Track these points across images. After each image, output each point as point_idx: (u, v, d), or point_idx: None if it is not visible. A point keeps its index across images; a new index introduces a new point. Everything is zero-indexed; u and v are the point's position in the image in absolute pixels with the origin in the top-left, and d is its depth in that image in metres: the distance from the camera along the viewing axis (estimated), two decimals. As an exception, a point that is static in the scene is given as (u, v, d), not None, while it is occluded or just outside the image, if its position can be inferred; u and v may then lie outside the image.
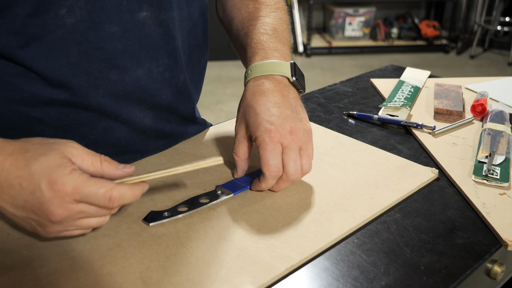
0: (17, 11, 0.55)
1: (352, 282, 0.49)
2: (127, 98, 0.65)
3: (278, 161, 0.58)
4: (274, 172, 0.58)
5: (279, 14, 0.72)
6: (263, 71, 0.63)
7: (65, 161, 0.46)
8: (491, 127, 0.77)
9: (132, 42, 0.62)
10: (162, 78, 0.67)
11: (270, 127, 0.58)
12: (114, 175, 0.50)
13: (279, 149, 0.58)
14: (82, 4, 0.58)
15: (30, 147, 0.47)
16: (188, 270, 0.49)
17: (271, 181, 0.59)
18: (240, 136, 0.62)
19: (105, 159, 0.49)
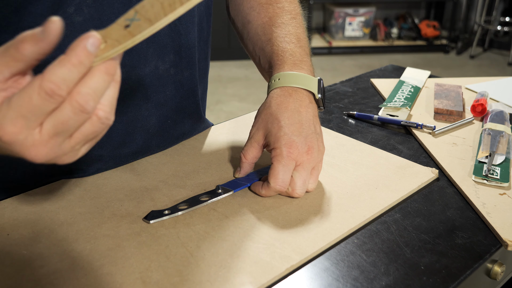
0: (31, 9, 0.55)
1: (352, 282, 0.49)
2: (133, 96, 0.65)
3: (288, 178, 0.59)
4: (280, 187, 0.58)
5: (299, 21, 0.72)
6: (292, 82, 0.63)
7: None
8: (491, 127, 0.77)
9: None
10: (167, 75, 0.67)
11: (291, 143, 0.58)
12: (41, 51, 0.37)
13: (292, 166, 0.59)
14: (90, 2, 0.58)
15: None
16: (188, 270, 0.49)
17: (273, 193, 0.60)
18: (255, 141, 0.62)
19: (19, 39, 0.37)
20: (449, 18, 4.17)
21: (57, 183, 0.64)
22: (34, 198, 0.61)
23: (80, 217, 0.57)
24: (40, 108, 0.36)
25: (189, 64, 0.70)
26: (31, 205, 0.59)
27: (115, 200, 0.60)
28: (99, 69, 0.37)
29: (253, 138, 0.63)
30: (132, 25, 0.39)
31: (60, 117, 0.37)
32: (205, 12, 0.73)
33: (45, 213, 0.58)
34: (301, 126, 0.60)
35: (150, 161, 0.70)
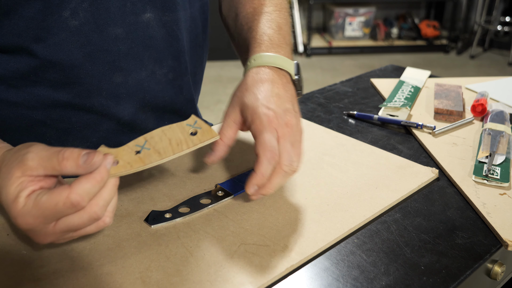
0: (22, 13, 0.55)
1: (352, 282, 0.49)
2: (130, 100, 0.65)
3: (276, 145, 0.54)
4: (270, 152, 0.53)
5: (283, 14, 0.71)
6: (268, 62, 0.60)
7: (18, 190, 0.43)
8: (491, 127, 0.77)
9: (136, 44, 0.62)
10: (165, 80, 0.67)
11: (269, 112, 0.55)
12: (77, 172, 0.43)
13: (275, 135, 0.54)
14: (86, 6, 0.57)
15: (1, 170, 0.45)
16: (188, 270, 0.49)
17: (266, 166, 0.53)
18: (231, 120, 0.58)
19: (64, 157, 0.43)
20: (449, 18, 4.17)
21: (57, 183, 0.64)
22: (34, 198, 0.61)
23: (80, 217, 0.57)
24: (62, 213, 0.43)
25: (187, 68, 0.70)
26: (31, 205, 0.59)
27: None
28: (112, 183, 0.45)
29: (229, 117, 0.58)
30: (142, 153, 0.47)
31: (76, 221, 0.44)
32: (200, 17, 0.72)
33: (45, 213, 0.58)
34: (279, 99, 0.57)
35: (150, 161, 0.70)
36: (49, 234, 0.44)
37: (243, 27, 0.70)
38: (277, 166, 0.54)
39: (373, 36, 4.11)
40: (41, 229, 0.44)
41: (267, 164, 0.53)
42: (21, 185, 0.43)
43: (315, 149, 0.73)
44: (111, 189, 0.45)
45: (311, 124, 0.82)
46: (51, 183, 0.45)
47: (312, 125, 0.82)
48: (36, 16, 0.55)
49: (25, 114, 0.61)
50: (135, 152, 0.47)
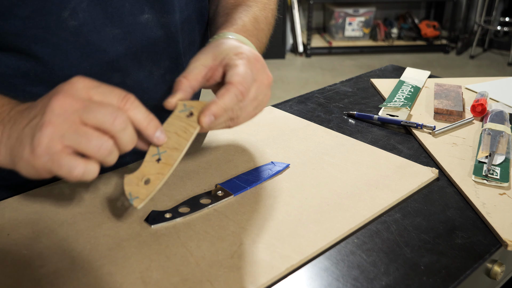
0: (17, 13, 0.55)
1: (352, 282, 0.49)
2: None
3: (250, 80, 0.52)
4: (241, 86, 0.51)
5: (265, 12, 0.70)
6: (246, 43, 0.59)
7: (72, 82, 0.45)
8: (491, 127, 0.77)
9: (134, 45, 0.62)
10: (163, 81, 0.67)
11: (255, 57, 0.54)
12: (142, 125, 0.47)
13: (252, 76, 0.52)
14: (84, 7, 0.57)
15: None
16: (188, 270, 0.49)
17: (231, 97, 0.51)
18: (200, 63, 0.54)
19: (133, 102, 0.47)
20: (449, 18, 4.17)
21: (57, 183, 0.64)
22: (34, 198, 0.61)
23: (80, 217, 0.57)
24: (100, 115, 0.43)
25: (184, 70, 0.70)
26: (31, 205, 0.59)
27: (115, 200, 0.60)
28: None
29: (197, 61, 0.54)
30: (162, 158, 0.49)
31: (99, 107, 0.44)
32: (198, 20, 0.73)
33: (45, 213, 0.58)
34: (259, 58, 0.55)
35: (150, 161, 0.70)
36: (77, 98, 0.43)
37: (219, 14, 0.70)
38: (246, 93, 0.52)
39: (373, 36, 4.11)
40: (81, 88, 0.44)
41: (233, 96, 0.51)
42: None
43: (315, 149, 0.73)
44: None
45: (311, 124, 0.82)
46: None
47: (312, 125, 0.82)
48: (32, 16, 0.55)
49: None
50: (157, 161, 0.50)
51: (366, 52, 4.04)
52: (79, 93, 0.43)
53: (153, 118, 0.47)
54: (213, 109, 0.50)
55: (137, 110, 0.46)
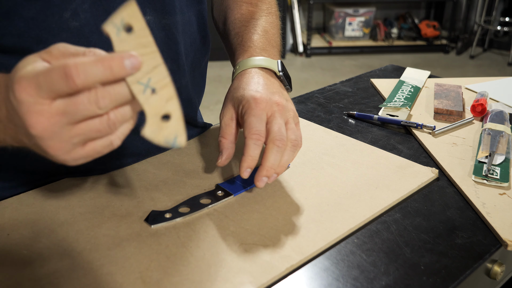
0: (22, 13, 0.55)
1: (352, 282, 0.49)
2: None
3: (262, 126, 0.55)
4: (255, 135, 0.54)
5: (271, 18, 0.73)
6: (251, 65, 0.64)
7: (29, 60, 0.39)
8: (491, 127, 0.77)
9: None
10: None
11: (256, 94, 0.58)
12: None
13: (264, 117, 0.56)
14: (86, 8, 0.57)
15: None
16: (188, 270, 0.49)
17: (253, 147, 0.54)
18: (227, 118, 0.60)
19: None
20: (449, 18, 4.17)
21: (57, 183, 0.64)
22: (34, 198, 0.61)
23: (80, 217, 0.57)
24: (54, 84, 0.36)
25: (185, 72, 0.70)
26: (31, 205, 0.59)
27: (115, 200, 0.60)
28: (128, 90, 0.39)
29: (224, 117, 0.61)
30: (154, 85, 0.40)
31: (74, 100, 0.37)
32: (198, 22, 0.73)
33: (45, 213, 0.58)
34: (266, 86, 0.59)
35: (150, 161, 0.70)
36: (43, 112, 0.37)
37: (230, 32, 0.73)
38: (269, 143, 0.54)
39: (373, 36, 4.11)
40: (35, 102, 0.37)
41: (253, 145, 0.54)
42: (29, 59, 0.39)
43: (315, 149, 0.73)
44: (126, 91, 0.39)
45: (311, 124, 0.82)
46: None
47: (312, 125, 0.82)
48: (36, 16, 0.55)
49: None
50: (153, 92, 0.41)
51: (366, 52, 4.04)
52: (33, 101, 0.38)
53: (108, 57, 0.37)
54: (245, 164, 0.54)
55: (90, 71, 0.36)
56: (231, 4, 0.75)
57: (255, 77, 0.62)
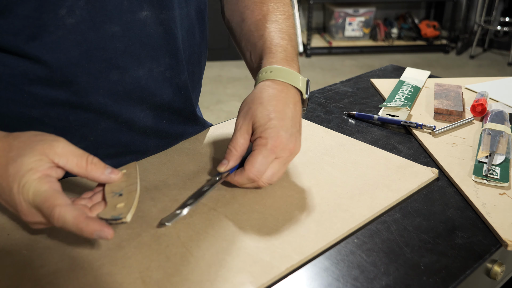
0: (17, 11, 0.55)
1: (352, 282, 0.49)
2: (127, 98, 0.65)
3: (264, 169, 0.58)
4: (253, 175, 0.58)
5: (291, 22, 0.73)
6: (284, 77, 0.63)
7: (39, 164, 0.47)
8: (491, 127, 0.77)
9: (133, 42, 0.62)
10: (163, 78, 0.67)
11: (277, 137, 0.58)
12: (99, 179, 0.51)
13: (271, 160, 0.58)
14: (82, 4, 0.57)
15: (15, 146, 0.48)
16: (188, 270, 0.49)
17: (245, 181, 0.59)
18: (244, 131, 0.60)
19: (92, 161, 0.50)
20: (449, 18, 4.17)
21: (57, 183, 0.64)
22: (34, 198, 0.61)
23: (80, 217, 0.57)
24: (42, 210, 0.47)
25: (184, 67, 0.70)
26: (31, 205, 0.59)
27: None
28: None
29: (242, 129, 0.60)
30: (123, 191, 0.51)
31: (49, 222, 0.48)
32: (197, 17, 0.73)
33: (45, 213, 0.58)
34: (290, 122, 0.60)
35: (150, 161, 0.70)
36: (31, 214, 0.48)
37: (253, 33, 0.71)
38: (256, 180, 0.59)
39: (373, 36, 4.11)
40: (29, 207, 0.47)
41: (246, 180, 0.59)
42: (40, 162, 0.47)
43: (315, 149, 0.73)
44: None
45: (311, 124, 0.82)
46: (58, 176, 0.49)
47: (312, 125, 0.82)
48: (32, 14, 0.55)
49: (22, 112, 0.61)
50: (119, 195, 0.51)
51: (366, 52, 4.04)
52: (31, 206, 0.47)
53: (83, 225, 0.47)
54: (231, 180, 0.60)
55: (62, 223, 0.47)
56: (249, 5, 0.74)
57: (283, 103, 0.61)
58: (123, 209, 0.49)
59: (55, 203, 0.46)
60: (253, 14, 0.73)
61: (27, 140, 0.49)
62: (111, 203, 0.50)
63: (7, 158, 0.47)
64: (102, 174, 0.50)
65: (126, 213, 0.48)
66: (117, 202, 0.50)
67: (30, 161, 0.47)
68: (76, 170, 0.49)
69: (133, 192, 0.51)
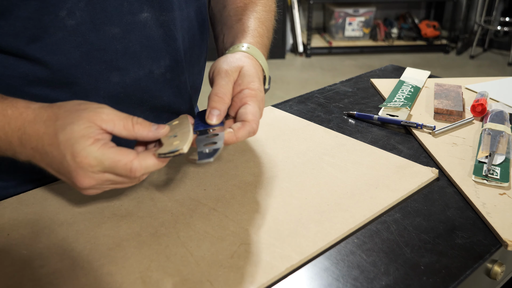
0: (18, 13, 0.55)
1: (352, 282, 0.49)
2: (128, 100, 0.65)
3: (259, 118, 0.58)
4: (255, 124, 0.56)
5: (270, 16, 0.74)
6: (257, 56, 0.64)
7: (90, 131, 0.47)
8: (491, 127, 0.77)
9: (133, 43, 0.62)
10: (163, 79, 0.67)
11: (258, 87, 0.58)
12: (147, 137, 0.51)
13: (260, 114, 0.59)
14: (82, 6, 0.57)
15: (61, 114, 0.49)
16: (188, 270, 0.49)
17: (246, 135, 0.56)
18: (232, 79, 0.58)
19: (137, 122, 0.50)
20: (449, 18, 4.17)
21: (57, 183, 0.64)
22: (34, 198, 0.61)
23: (80, 217, 0.57)
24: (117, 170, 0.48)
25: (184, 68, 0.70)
26: (31, 205, 0.59)
27: (115, 200, 0.60)
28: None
29: (228, 76, 0.58)
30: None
31: (120, 180, 0.50)
32: (197, 18, 0.73)
33: (45, 213, 0.58)
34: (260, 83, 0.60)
35: (150, 161, 0.70)
36: (91, 179, 0.48)
37: (231, 17, 0.73)
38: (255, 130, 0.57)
39: (373, 36, 4.11)
40: (92, 172, 0.48)
41: (247, 134, 0.56)
42: (90, 129, 0.47)
43: (315, 149, 0.73)
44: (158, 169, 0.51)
45: (311, 124, 0.82)
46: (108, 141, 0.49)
47: (312, 125, 0.82)
48: (32, 16, 0.55)
49: None
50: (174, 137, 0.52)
51: (366, 52, 4.04)
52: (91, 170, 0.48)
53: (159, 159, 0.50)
54: (227, 141, 0.55)
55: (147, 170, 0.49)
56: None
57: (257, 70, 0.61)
58: (179, 144, 0.50)
59: (129, 159, 0.47)
60: (235, 2, 0.74)
61: (72, 109, 0.49)
62: (167, 143, 0.51)
63: (55, 126, 0.48)
64: (149, 131, 0.50)
65: (182, 145, 0.49)
66: (172, 141, 0.51)
67: (80, 129, 0.47)
68: (124, 133, 0.49)
69: (186, 133, 0.52)
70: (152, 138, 0.51)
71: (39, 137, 0.48)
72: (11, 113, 0.50)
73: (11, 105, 0.51)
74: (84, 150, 0.46)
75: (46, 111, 0.49)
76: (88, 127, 0.47)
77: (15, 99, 0.52)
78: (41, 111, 0.50)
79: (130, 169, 0.47)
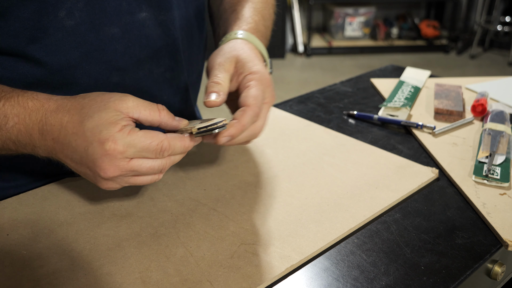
0: (17, 14, 0.55)
1: (352, 282, 0.49)
2: None
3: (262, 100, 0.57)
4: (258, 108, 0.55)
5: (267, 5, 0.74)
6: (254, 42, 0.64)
7: (117, 118, 0.48)
8: (492, 127, 0.77)
9: (132, 43, 0.62)
10: (163, 79, 0.67)
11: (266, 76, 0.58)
12: (171, 125, 0.52)
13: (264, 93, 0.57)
14: (81, 6, 0.57)
15: (86, 103, 0.49)
16: (188, 270, 0.49)
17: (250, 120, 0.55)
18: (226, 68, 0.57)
19: (162, 108, 0.51)
20: (449, 18, 4.17)
21: (57, 183, 0.64)
22: (34, 198, 0.61)
23: (80, 217, 0.57)
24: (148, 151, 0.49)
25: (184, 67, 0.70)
26: (31, 205, 0.59)
27: (115, 200, 0.60)
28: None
29: (222, 66, 0.58)
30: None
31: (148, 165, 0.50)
32: (196, 17, 0.73)
33: (45, 213, 0.58)
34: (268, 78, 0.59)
35: (150, 161, 0.70)
36: (116, 167, 0.48)
37: (227, 11, 0.73)
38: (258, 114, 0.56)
39: (373, 36, 4.10)
40: (119, 159, 0.48)
41: (250, 118, 0.55)
42: (117, 116, 0.48)
43: (315, 149, 0.73)
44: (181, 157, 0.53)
45: (311, 124, 0.82)
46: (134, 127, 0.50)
47: (312, 125, 0.82)
48: (31, 16, 0.55)
49: None
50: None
51: (366, 52, 4.04)
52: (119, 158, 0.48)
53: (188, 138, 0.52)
54: (232, 131, 0.54)
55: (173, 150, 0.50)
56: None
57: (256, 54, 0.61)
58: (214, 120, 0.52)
59: (160, 139, 0.49)
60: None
61: (97, 98, 0.50)
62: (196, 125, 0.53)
63: (81, 114, 0.48)
64: (174, 119, 0.52)
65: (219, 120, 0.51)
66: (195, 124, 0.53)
67: (108, 116, 0.47)
68: (150, 119, 0.50)
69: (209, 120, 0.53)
70: (175, 127, 0.52)
71: (62, 127, 0.49)
72: (32, 105, 0.50)
73: (31, 97, 0.51)
74: (112, 136, 0.47)
75: (69, 101, 0.50)
76: (115, 115, 0.48)
77: (36, 92, 0.52)
78: (64, 101, 0.50)
79: (162, 148, 0.49)
